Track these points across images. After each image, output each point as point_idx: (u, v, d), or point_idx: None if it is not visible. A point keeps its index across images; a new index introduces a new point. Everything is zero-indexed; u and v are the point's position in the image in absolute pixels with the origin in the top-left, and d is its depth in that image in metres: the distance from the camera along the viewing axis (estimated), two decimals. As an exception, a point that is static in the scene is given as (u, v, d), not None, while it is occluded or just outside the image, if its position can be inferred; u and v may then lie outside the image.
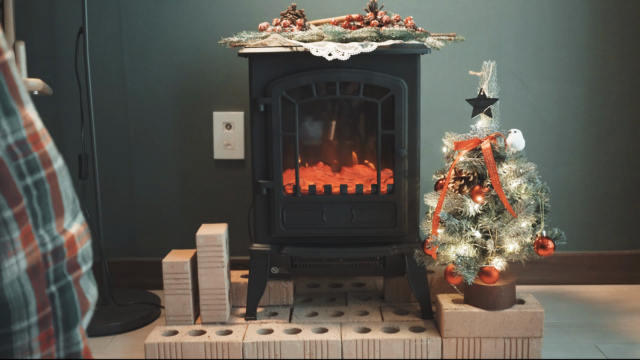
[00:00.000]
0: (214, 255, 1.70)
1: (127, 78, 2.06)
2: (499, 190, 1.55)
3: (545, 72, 2.04)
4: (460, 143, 1.61)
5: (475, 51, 2.02)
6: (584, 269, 2.11)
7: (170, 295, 1.71)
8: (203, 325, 1.71)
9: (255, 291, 1.74)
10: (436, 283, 1.86)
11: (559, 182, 2.07)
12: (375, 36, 1.60)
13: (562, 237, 1.61)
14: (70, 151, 2.08)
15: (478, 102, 1.62)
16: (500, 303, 1.60)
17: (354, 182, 1.75)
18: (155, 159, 2.10)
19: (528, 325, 1.59)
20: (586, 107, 2.05)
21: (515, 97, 2.05)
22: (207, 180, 2.10)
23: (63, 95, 2.06)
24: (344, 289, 1.97)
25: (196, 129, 2.08)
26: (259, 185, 1.69)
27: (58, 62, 2.04)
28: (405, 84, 1.64)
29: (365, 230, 1.70)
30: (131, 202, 2.11)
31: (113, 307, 1.88)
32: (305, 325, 1.69)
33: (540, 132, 2.06)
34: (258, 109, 1.66)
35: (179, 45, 2.04)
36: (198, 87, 2.06)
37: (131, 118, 2.08)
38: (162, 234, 2.12)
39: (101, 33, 2.03)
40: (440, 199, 1.59)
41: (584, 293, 2.04)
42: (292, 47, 1.61)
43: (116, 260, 2.10)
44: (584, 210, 2.10)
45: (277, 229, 1.70)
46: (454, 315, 1.59)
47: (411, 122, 1.66)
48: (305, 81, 1.63)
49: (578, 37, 2.02)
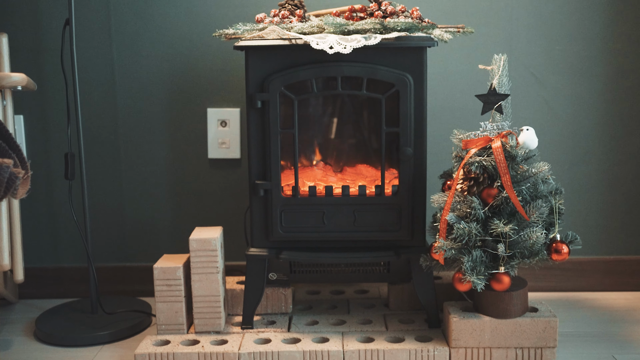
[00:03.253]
0: (208, 260, 1.70)
1: (116, 72, 2.06)
2: (511, 192, 1.55)
3: (559, 66, 2.04)
4: (470, 141, 1.62)
5: (485, 44, 2.03)
6: (600, 275, 2.11)
7: (161, 303, 1.71)
8: (196, 335, 1.72)
9: (252, 298, 1.74)
10: (444, 290, 1.86)
11: (574, 183, 2.08)
12: (379, 28, 1.60)
13: (577, 241, 1.61)
14: (56, 150, 2.08)
15: (488, 98, 1.62)
16: (511, 311, 1.60)
17: (357, 183, 1.76)
18: (146, 158, 2.10)
19: (541, 335, 1.59)
20: (602, 104, 2.06)
21: (528, 93, 2.05)
22: (201, 181, 2.11)
23: (48, 90, 2.06)
24: (346, 296, 1.97)
25: (189, 126, 2.09)
26: (255, 186, 1.69)
27: (43, 56, 2.05)
28: (410, 78, 1.64)
29: (368, 234, 1.70)
30: (120, 203, 2.12)
31: (101, 315, 1.88)
32: (304, 335, 1.69)
33: (553, 130, 2.06)
34: (255, 106, 1.66)
35: (171, 38, 2.04)
36: (191, 82, 2.07)
37: (120, 115, 2.08)
38: (153, 237, 2.13)
39: (88, 24, 2.04)
40: (448, 201, 1.60)
41: (601, 300, 2.04)
42: (291, 39, 1.61)
43: (104, 266, 2.11)
44: (601, 212, 2.10)
45: (275, 233, 1.70)
46: (463, 324, 1.60)
47: (417, 119, 1.66)
48: (305, 76, 1.64)
49: (594, 29, 2.02)
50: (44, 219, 2.12)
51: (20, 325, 1.92)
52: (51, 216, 2.12)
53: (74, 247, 2.12)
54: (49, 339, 1.80)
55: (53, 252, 2.13)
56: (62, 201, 2.09)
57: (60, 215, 2.11)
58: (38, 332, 1.83)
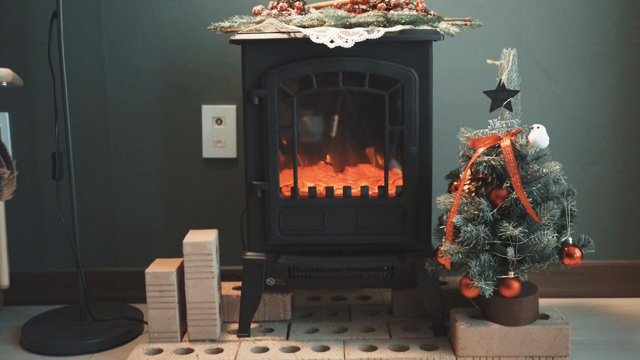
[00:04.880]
0: (203, 264, 1.70)
1: (106, 67, 2.06)
2: (520, 193, 1.55)
3: (571, 60, 2.04)
4: (477, 140, 1.62)
5: (494, 38, 2.02)
6: (614, 280, 2.11)
7: (154, 310, 1.71)
8: (191, 343, 1.71)
9: (249, 305, 1.74)
10: (450, 296, 1.86)
11: (587, 184, 2.07)
12: (382, 21, 1.60)
13: (590, 244, 1.61)
14: (43, 149, 2.08)
15: (497, 94, 1.62)
16: (521, 318, 1.60)
17: (359, 184, 1.75)
18: (137, 158, 2.10)
19: (553, 343, 1.59)
20: (617, 100, 2.05)
21: (539, 89, 2.05)
22: (195, 182, 2.11)
23: (35, 86, 2.06)
24: (348, 302, 1.97)
25: (183, 124, 2.08)
26: (252, 186, 1.69)
27: (29, 50, 2.04)
28: (415, 74, 1.64)
29: (371, 237, 1.70)
30: (111, 205, 2.12)
31: (90, 322, 1.88)
32: (304, 343, 1.69)
33: (566, 128, 2.06)
34: (252, 102, 1.66)
35: (164, 31, 2.04)
36: (185, 78, 2.06)
37: (111, 112, 2.08)
38: (145, 241, 2.13)
39: (77, 17, 2.03)
40: (454, 203, 1.59)
41: (615, 307, 2.04)
42: (289, 33, 1.61)
43: (94, 271, 2.10)
44: (615, 214, 2.10)
45: (273, 236, 1.70)
46: (470, 331, 1.59)
47: (422, 117, 1.66)
48: (305, 71, 1.63)
49: (609, 21, 2.02)
50: (30, 222, 2.12)
51: (5, 333, 1.92)
52: (38, 218, 2.11)
53: (62, 250, 2.12)
54: (35, 348, 1.79)
55: (40, 256, 2.13)
56: (50, 203, 2.09)
57: (47, 217, 2.11)
58: (24, 341, 1.82)
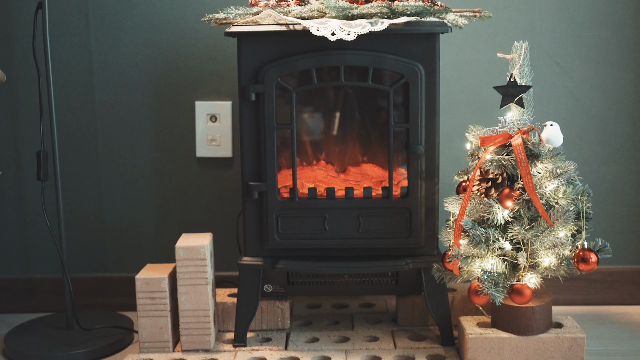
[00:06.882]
0: (197, 270, 1.70)
1: (94, 62, 2.06)
2: (533, 194, 1.55)
3: (586, 54, 2.04)
4: (487, 138, 1.62)
5: (505, 30, 2.02)
6: (632, 287, 2.10)
7: (144, 318, 1.71)
8: (183, 353, 1.71)
9: (245, 313, 1.74)
10: (458, 303, 1.86)
11: (603, 185, 2.07)
12: (386, 12, 1.60)
13: (606, 249, 1.61)
14: (28, 148, 2.08)
15: (508, 89, 1.62)
16: (533, 327, 1.60)
17: (362, 184, 1.75)
18: (127, 157, 2.10)
19: (567, 353, 1.59)
20: (635, 96, 2.06)
21: (552, 84, 2.05)
22: (189, 182, 2.11)
23: (19, 81, 2.06)
24: (350, 310, 1.97)
25: (175, 121, 2.09)
26: (249, 188, 1.69)
27: (12, 43, 2.05)
28: (421, 68, 1.64)
29: (374, 241, 1.70)
30: (99, 207, 2.12)
31: (77, 331, 1.88)
32: (303, 353, 1.69)
33: (580, 126, 2.06)
34: (248, 98, 1.66)
35: (155, 23, 2.04)
36: (178, 73, 2.06)
37: (99, 109, 2.08)
38: (135, 245, 2.13)
39: (63, 9, 2.03)
40: (463, 204, 1.59)
41: (633, 315, 2.04)
42: (288, 24, 1.61)
43: (81, 277, 2.10)
44: (633, 217, 2.10)
45: (271, 240, 1.70)
46: (480, 341, 1.59)
47: (429, 114, 1.66)
48: (304, 65, 1.64)
49: (626, 14, 2.02)
50: (14, 225, 2.12)
51: (-12, 342, 1.92)
52: (22, 221, 2.12)
53: (48, 255, 2.12)
54: (19, 358, 1.79)
55: (24, 261, 2.13)
56: (34, 204, 2.09)
57: (31, 220, 2.11)
58: (7, 350, 1.82)
